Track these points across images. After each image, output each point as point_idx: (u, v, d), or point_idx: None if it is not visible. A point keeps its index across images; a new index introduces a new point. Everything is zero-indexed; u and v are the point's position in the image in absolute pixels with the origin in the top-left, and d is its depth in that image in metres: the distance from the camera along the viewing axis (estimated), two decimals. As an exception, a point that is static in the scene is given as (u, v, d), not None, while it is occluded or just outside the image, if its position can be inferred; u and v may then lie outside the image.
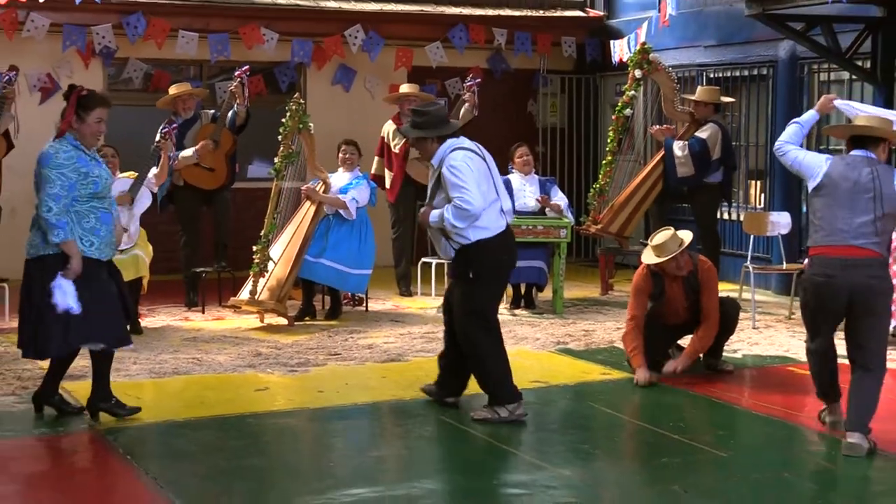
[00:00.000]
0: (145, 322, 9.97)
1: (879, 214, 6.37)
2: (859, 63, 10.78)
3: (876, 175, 6.40)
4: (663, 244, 7.88)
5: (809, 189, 6.70)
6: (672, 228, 8.07)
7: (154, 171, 9.68)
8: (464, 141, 7.17)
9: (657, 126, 12.12)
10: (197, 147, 10.42)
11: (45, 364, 8.35)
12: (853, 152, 6.54)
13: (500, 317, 10.33)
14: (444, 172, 6.95)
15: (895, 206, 6.39)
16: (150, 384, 7.84)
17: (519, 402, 7.03)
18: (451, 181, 6.87)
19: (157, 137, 9.79)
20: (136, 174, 9.81)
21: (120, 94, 13.09)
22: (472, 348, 7.06)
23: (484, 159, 7.15)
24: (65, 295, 6.67)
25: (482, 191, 6.89)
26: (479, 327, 7.05)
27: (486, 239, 6.94)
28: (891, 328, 8.26)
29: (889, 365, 8.57)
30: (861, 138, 6.56)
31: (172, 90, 11.11)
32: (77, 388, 7.64)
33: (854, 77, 11.06)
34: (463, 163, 6.92)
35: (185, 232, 10.87)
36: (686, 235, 7.98)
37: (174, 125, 10.12)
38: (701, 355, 8.16)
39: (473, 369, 7.19)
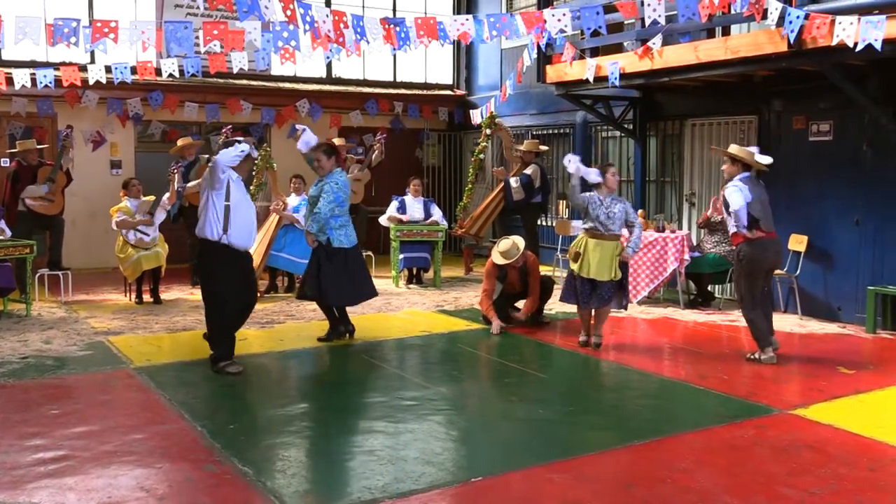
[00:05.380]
0: (164, 295, 9.71)
1: None
2: (626, 126, 10.98)
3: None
4: (507, 250, 7.94)
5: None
6: (512, 238, 8.11)
7: (166, 196, 9.49)
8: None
9: (495, 168, 12.19)
10: (199, 180, 10.21)
11: (96, 324, 8.14)
12: None
13: (398, 290, 10.45)
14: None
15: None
16: (167, 336, 7.65)
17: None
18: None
19: (168, 173, 9.60)
20: (154, 197, 9.58)
21: (145, 145, 12.72)
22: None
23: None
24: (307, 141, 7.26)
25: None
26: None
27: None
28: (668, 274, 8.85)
29: (649, 315, 8.78)
30: None
31: (180, 142, 10.87)
32: (117, 341, 7.45)
33: (623, 135, 11.26)
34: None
35: (191, 235, 10.59)
36: (520, 242, 8.02)
37: (180, 164, 9.88)
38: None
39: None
